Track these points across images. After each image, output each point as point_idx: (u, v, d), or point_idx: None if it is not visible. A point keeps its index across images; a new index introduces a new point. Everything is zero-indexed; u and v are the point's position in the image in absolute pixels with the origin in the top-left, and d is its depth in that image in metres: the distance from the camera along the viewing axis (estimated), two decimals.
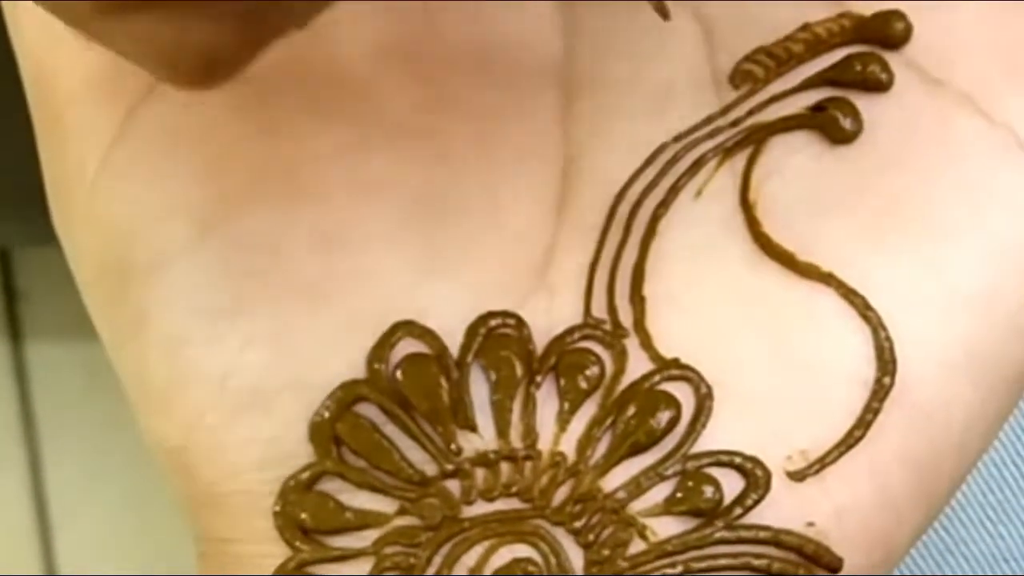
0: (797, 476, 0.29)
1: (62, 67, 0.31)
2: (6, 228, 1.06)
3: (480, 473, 0.29)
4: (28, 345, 1.16)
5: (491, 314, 0.30)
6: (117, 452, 1.10)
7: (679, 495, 0.28)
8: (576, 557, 0.28)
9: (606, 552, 0.28)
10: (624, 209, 0.31)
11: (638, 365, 0.29)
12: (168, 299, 0.30)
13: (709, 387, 0.29)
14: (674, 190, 0.31)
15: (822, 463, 0.29)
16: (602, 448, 0.29)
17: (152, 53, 0.26)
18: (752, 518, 0.28)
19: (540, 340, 0.30)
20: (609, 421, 0.29)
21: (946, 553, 0.43)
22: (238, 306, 0.30)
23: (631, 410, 0.29)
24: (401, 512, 0.29)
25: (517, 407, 0.29)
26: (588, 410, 0.29)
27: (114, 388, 0.31)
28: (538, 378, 0.29)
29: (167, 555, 1.05)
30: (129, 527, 1.11)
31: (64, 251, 0.32)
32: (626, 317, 0.30)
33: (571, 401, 0.29)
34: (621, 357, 0.29)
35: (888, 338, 0.29)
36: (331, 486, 0.29)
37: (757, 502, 0.28)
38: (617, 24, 0.32)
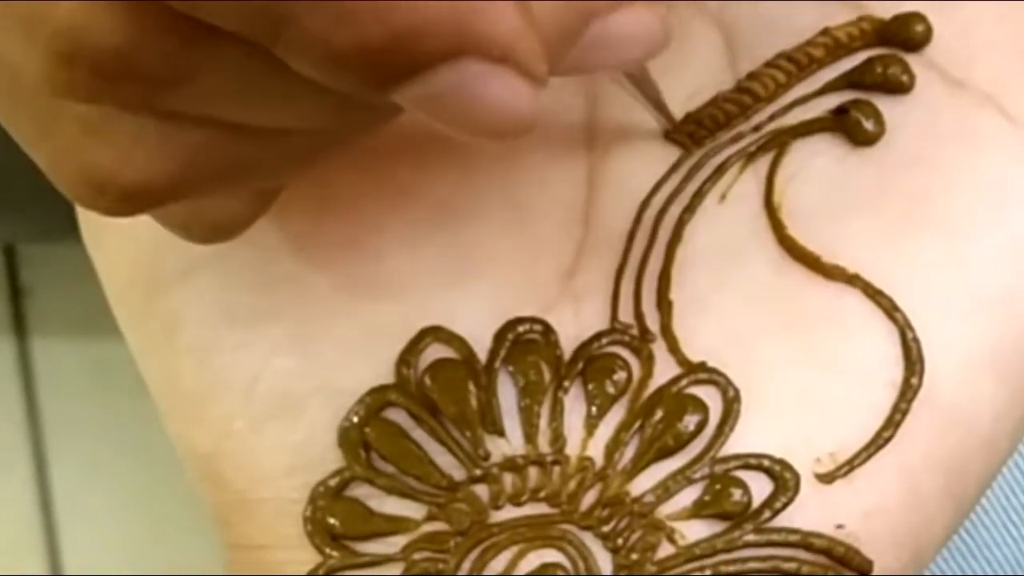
0: (826, 478, 0.29)
1: None
2: (11, 225, 1.05)
3: (508, 478, 0.29)
4: (33, 341, 1.16)
5: (519, 320, 0.30)
6: (122, 449, 1.10)
7: (707, 498, 0.28)
8: (604, 561, 0.28)
9: (635, 556, 0.28)
10: (649, 215, 0.31)
11: (665, 369, 0.30)
12: (198, 306, 0.30)
13: (736, 390, 0.29)
14: (699, 195, 0.31)
15: (851, 465, 0.29)
16: (630, 452, 0.29)
17: (166, 222, 0.27)
18: (781, 521, 0.28)
19: (567, 345, 0.30)
20: (637, 425, 0.29)
21: (969, 557, 0.43)
22: (267, 312, 0.30)
23: (659, 414, 0.29)
24: (430, 517, 0.29)
25: (545, 412, 0.29)
26: (616, 415, 0.29)
27: (120, 385, 0.32)
28: (566, 383, 0.29)
29: (172, 553, 1.06)
30: (134, 525, 1.11)
31: (94, 263, 0.32)
32: (653, 322, 0.30)
33: (599, 406, 0.29)
34: (648, 362, 0.30)
35: (915, 339, 0.29)
36: (360, 492, 0.29)
37: (786, 505, 0.28)
38: None
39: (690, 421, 0.29)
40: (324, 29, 0.21)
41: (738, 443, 0.29)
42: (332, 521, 0.29)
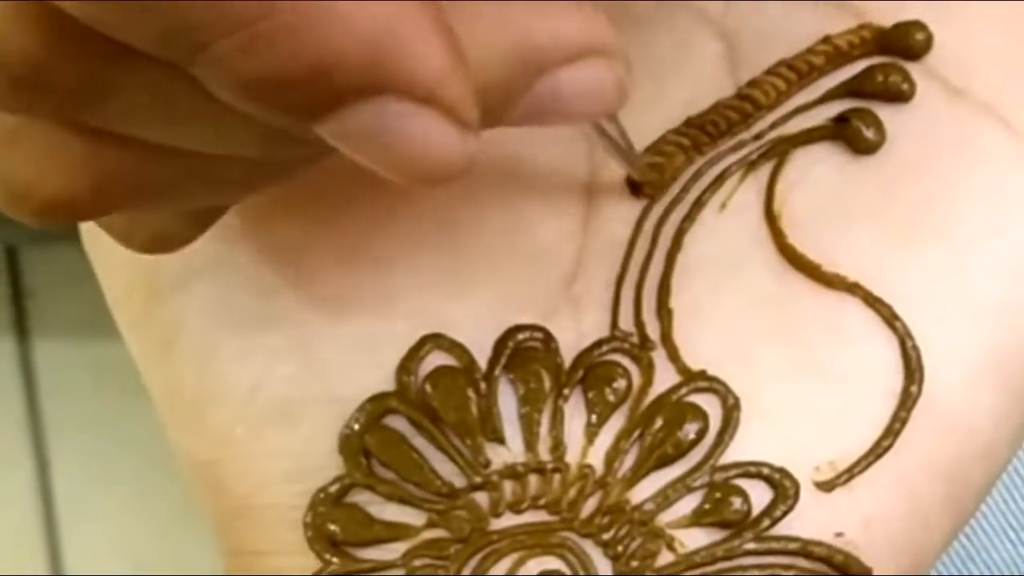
0: (826, 486, 0.29)
1: None
2: (13, 227, 1.06)
3: (508, 485, 0.29)
4: (35, 343, 1.16)
5: (519, 327, 0.30)
6: (124, 450, 1.10)
7: (707, 506, 0.29)
8: (604, 569, 0.28)
9: (634, 564, 0.28)
10: (650, 223, 0.31)
11: (665, 377, 0.30)
12: (198, 313, 0.30)
13: (736, 398, 0.29)
14: (699, 204, 0.31)
15: (850, 473, 0.29)
16: (630, 460, 0.29)
17: (107, 229, 0.27)
18: (781, 529, 0.28)
19: (568, 353, 0.30)
20: (637, 433, 0.29)
21: (968, 560, 0.43)
22: (266, 319, 0.30)
23: (659, 422, 0.29)
24: (430, 524, 0.29)
25: (545, 420, 0.29)
26: (616, 423, 0.29)
27: (121, 386, 0.32)
28: (566, 391, 0.30)
29: (173, 554, 1.06)
30: (135, 525, 1.11)
31: (94, 268, 0.32)
32: (653, 330, 0.30)
33: (599, 414, 0.29)
34: (648, 370, 0.30)
35: (915, 347, 0.29)
36: (360, 498, 0.29)
37: (786, 513, 0.28)
38: (638, 48, 0.32)
39: (690, 429, 0.29)
40: (237, 55, 0.20)
41: (738, 451, 0.29)
42: (332, 527, 0.29)
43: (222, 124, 0.23)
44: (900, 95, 0.31)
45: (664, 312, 0.30)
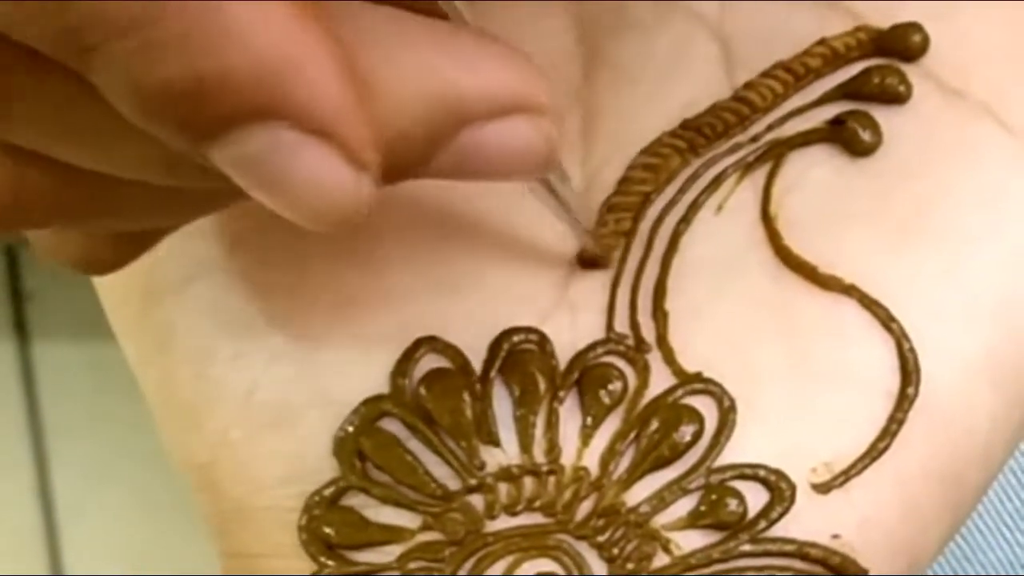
0: (822, 488, 0.29)
1: None
2: None
3: (503, 488, 0.29)
4: (35, 345, 1.17)
5: (514, 330, 0.30)
6: (123, 452, 1.10)
7: (703, 508, 0.28)
8: (600, 571, 0.28)
9: (630, 566, 0.28)
10: (645, 225, 0.31)
11: (661, 379, 0.30)
12: (193, 316, 0.30)
13: (732, 400, 0.29)
14: (695, 206, 0.31)
15: (847, 475, 0.29)
16: (625, 462, 0.29)
17: (34, 243, 0.26)
18: (777, 531, 0.28)
19: (563, 355, 0.30)
20: (632, 435, 0.29)
21: (963, 560, 0.43)
22: (263, 322, 0.30)
23: (654, 424, 0.29)
24: (425, 527, 0.29)
25: (540, 422, 0.29)
26: (611, 425, 0.29)
27: (121, 388, 0.32)
28: (561, 393, 0.29)
29: (173, 555, 1.06)
30: (135, 527, 1.11)
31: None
32: (648, 332, 0.30)
33: (594, 416, 0.29)
34: (644, 372, 0.30)
35: (912, 349, 0.29)
36: (355, 501, 0.29)
37: (782, 515, 0.28)
38: (635, 50, 0.32)
39: (686, 431, 0.29)
40: (129, 59, 0.20)
41: (734, 453, 0.29)
42: (327, 530, 0.29)
43: (125, 144, 0.22)
44: (897, 97, 0.31)
45: (660, 314, 0.30)
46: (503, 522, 0.29)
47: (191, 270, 0.30)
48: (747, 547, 0.28)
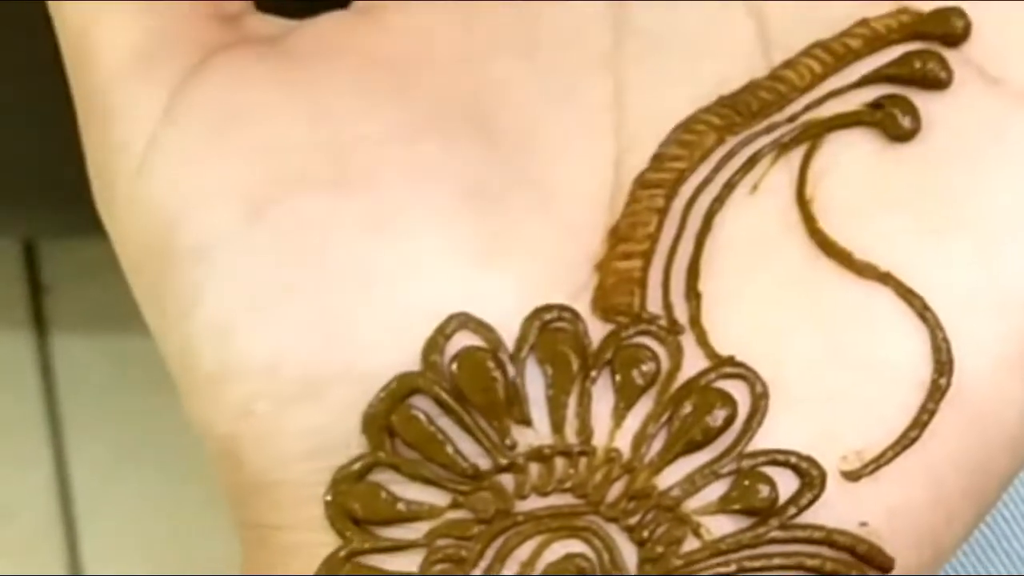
0: (852, 476, 0.28)
1: (104, 42, 0.31)
2: (31, 221, 1.05)
3: (534, 468, 0.29)
4: (53, 338, 1.16)
5: (547, 307, 0.30)
6: (143, 447, 1.10)
7: (734, 494, 0.28)
8: (629, 554, 0.28)
9: (660, 549, 0.28)
10: (678, 203, 0.31)
11: (693, 362, 0.29)
12: (216, 284, 0.30)
13: (765, 385, 0.29)
14: (729, 185, 0.31)
15: (877, 464, 0.28)
16: (657, 445, 0.29)
17: None
18: (806, 518, 0.28)
19: (595, 334, 0.30)
20: (665, 418, 0.29)
21: (988, 549, 0.43)
22: (288, 292, 0.30)
23: (687, 407, 0.29)
24: (454, 505, 0.29)
25: (572, 402, 0.29)
26: (643, 406, 0.29)
27: (140, 382, 0.31)
28: (593, 373, 0.29)
29: (193, 553, 1.06)
30: (155, 524, 1.11)
31: (109, 234, 0.31)
32: (681, 313, 0.30)
33: (626, 397, 0.29)
34: (676, 353, 0.29)
35: (945, 339, 0.29)
36: (383, 477, 0.29)
37: (812, 502, 0.28)
38: (668, 22, 0.32)
39: (718, 415, 0.29)
40: None
41: (765, 439, 0.29)
42: (354, 505, 0.28)
43: None
44: (938, 83, 0.31)
45: (692, 295, 0.30)
46: (533, 502, 0.29)
47: (213, 236, 0.30)
48: (777, 533, 0.28)
